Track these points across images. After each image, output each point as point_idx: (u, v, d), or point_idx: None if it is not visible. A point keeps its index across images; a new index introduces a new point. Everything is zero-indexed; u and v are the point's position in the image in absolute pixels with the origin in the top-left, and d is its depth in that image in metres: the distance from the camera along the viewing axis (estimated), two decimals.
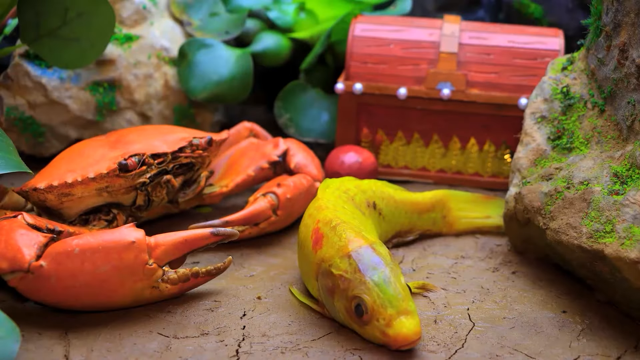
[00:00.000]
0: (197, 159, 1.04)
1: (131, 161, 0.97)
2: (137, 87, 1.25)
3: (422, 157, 1.25)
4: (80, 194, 0.97)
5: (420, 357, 0.82)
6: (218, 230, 0.90)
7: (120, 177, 0.97)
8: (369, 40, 1.24)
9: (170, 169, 1.01)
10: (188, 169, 1.04)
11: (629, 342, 0.86)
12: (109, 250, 0.84)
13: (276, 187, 1.05)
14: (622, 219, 0.84)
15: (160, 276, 0.87)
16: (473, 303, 0.93)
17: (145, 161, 0.98)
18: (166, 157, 1.00)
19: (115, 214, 1.01)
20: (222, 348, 0.83)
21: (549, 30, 1.24)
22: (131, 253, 0.85)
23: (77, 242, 0.84)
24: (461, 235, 1.09)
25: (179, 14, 1.32)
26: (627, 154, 0.89)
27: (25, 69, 1.21)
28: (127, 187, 0.99)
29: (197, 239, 0.89)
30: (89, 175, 0.96)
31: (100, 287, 0.85)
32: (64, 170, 0.98)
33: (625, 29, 0.91)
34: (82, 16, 1.10)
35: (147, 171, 0.99)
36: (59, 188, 0.96)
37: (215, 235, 0.90)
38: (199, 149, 1.03)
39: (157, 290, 0.88)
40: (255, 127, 1.20)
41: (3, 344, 0.73)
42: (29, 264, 0.83)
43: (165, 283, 0.88)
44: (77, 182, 0.96)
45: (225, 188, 1.10)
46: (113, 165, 0.97)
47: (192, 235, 0.89)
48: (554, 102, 1.01)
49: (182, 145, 1.02)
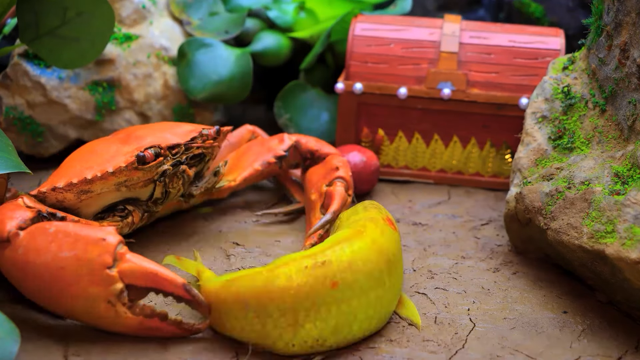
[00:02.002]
0: (207, 150, 1.04)
1: (148, 153, 0.98)
2: (136, 87, 1.25)
3: (422, 157, 1.25)
4: (99, 190, 0.97)
5: (420, 357, 0.82)
6: (190, 288, 0.82)
7: (138, 170, 0.97)
8: (369, 39, 1.24)
9: (184, 160, 1.02)
10: (199, 160, 1.04)
11: (630, 343, 0.86)
12: (78, 239, 0.83)
13: (336, 171, 1.06)
14: (623, 219, 0.83)
15: (118, 291, 0.81)
16: (474, 303, 0.93)
17: (161, 152, 0.99)
18: (180, 148, 1.01)
19: (131, 211, 1.00)
20: (222, 348, 0.83)
21: (549, 30, 1.24)
22: (96, 249, 0.82)
23: (57, 224, 0.85)
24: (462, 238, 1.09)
25: (179, 13, 1.32)
26: (628, 153, 0.89)
27: (24, 69, 1.20)
28: (145, 180, 0.99)
29: (167, 280, 0.82)
30: (108, 170, 0.96)
31: (57, 274, 0.82)
32: (80, 168, 0.98)
33: (626, 29, 0.91)
34: (81, 16, 1.10)
35: (164, 162, 0.99)
36: (78, 185, 0.95)
37: (185, 290, 0.82)
38: (209, 138, 1.04)
39: (112, 309, 0.81)
40: (257, 130, 1.20)
41: (2, 344, 0.73)
42: (9, 232, 0.85)
43: (124, 307, 0.82)
44: (96, 177, 0.95)
45: (233, 182, 1.10)
46: (131, 158, 0.97)
47: (164, 273, 0.82)
48: (554, 102, 1.01)
49: (193, 136, 1.02)
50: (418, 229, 1.11)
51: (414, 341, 0.85)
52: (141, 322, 0.82)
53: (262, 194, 1.20)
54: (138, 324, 0.82)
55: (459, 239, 1.08)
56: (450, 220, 1.13)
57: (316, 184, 1.07)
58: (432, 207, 1.18)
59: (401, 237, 1.08)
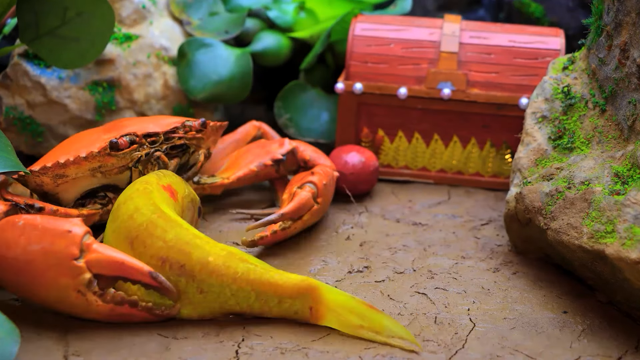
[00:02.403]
0: (190, 141, 1.05)
1: (122, 140, 0.99)
2: (136, 87, 1.25)
3: (422, 157, 1.25)
4: (74, 175, 0.99)
5: (420, 357, 0.82)
6: (157, 275, 0.83)
7: (112, 156, 0.99)
8: (369, 39, 1.24)
9: (163, 149, 1.02)
10: (182, 151, 1.05)
11: (630, 343, 0.86)
12: (45, 232, 0.83)
13: (310, 176, 1.06)
14: (623, 219, 0.83)
15: (86, 281, 0.82)
16: (474, 303, 0.93)
17: (137, 140, 1.00)
18: (158, 137, 1.02)
19: (111, 198, 1.02)
20: (222, 348, 0.83)
21: (549, 30, 1.24)
22: (63, 241, 0.83)
23: (26, 217, 0.86)
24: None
25: (179, 13, 1.32)
26: (628, 153, 0.89)
27: (24, 69, 1.20)
28: (119, 167, 1.00)
29: (134, 268, 0.83)
30: (80, 155, 0.97)
31: (26, 267, 0.83)
32: (59, 154, 1.00)
33: (626, 29, 0.91)
34: (81, 16, 1.10)
35: (139, 150, 1.00)
36: (52, 169, 0.98)
37: (152, 277, 0.83)
38: (192, 130, 1.04)
39: (83, 298, 0.83)
40: (263, 126, 1.21)
41: (2, 344, 0.73)
42: None
43: (94, 295, 0.83)
44: (69, 162, 0.97)
45: (226, 180, 1.11)
46: (104, 144, 0.98)
47: (131, 262, 0.83)
48: (554, 102, 1.01)
49: (174, 126, 1.03)
50: (418, 229, 1.11)
51: None
52: (112, 309, 0.84)
53: (263, 194, 1.20)
54: (109, 310, 0.84)
55: (459, 239, 1.08)
56: (450, 220, 1.13)
57: (291, 185, 1.08)
58: (432, 207, 1.18)
59: (401, 237, 1.08)
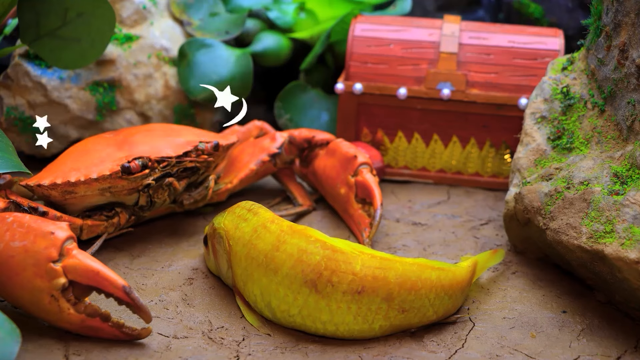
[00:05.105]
0: (202, 164, 1.04)
1: (134, 164, 0.98)
2: (137, 87, 1.25)
3: (422, 157, 1.25)
4: (83, 193, 0.98)
5: (420, 357, 0.83)
6: (130, 291, 0.81)
7: (122, 179, 0.98)
8: (369, 40, 1.24)
9: (174, 172, 1.01)
10: (192, 172, 1.04)
11: (629, 342, 0.86)
12: (29, 231, 0.83)
13: (354, 159, 1.07)
14: (622, 219, 0.84)
15: (60, 286, 0.81)
16: (473, 303, 0.93)
17: (149, 165, 0.99)
18: (170, 161, 1.00)
19: (118, 212, 1.01)
20: (222, 348, 0.83)
21: (549, 30, 1.24)
22: (43, 242, 0.82)
23: (15, 215, 0.85)
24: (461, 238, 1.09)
25: (179, 13, 1.32)
26: (627, 154, 0.89)
27: (25, 69, 1.21)
28: (129, 189, 0.99)
29: (108, 280, 0.81)
30: (91, 176, 0.96)
31: (6, 262, 0.83)
32: (69, 168, 0.99)
33: (625, 29, 0.91)
34: (82, 16, 1.10)
35: (150, 174, 0.99)
36: (62, 186, 0.97)
37: (124, 292, 0.81)
38: (205, 153, 1.03)
39: (56, 303, 0.81)
40: (265, 126, 1.20)
41: (3, 344, 0.73)
42: None
43: (67, 303, 0.82)
44: (80, 181, 0.96)
45: (230, 184, 1.11)
46: (116, 168, 0.97)
47: (106, 273, 0.81)
48: (554, 102, 1.01)
49: (187, 150, 1.02)
50: (417, 229, 1.11)
51: (414, 340, 0.85)
52: (83, 320, 0.83)
53: (263, 194, 1.20)
54: (80, 321, 0.83)
55: (459, 238, 1.08)
56: (449, 220, 1.14)
57: (338, 177, 1.07)
58: (431, 207, 1.18)
59: (401, 237, 1.08)
